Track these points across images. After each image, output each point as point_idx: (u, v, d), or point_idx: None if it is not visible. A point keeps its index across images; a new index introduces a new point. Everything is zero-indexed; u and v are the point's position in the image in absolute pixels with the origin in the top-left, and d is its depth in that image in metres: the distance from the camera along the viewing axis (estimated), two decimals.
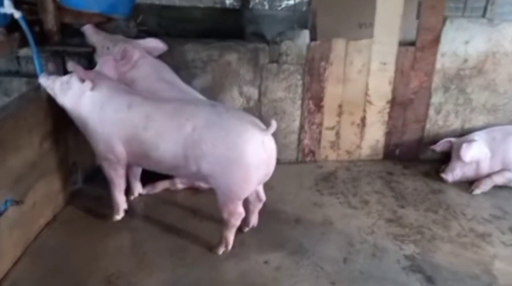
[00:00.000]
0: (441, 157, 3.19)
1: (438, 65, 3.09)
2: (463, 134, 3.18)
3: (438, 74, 3.12)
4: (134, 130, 2.13)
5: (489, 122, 3.25)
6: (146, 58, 2.61)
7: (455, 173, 2.95)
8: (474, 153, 2.87)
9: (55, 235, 2.33)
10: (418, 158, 3.31)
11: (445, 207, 2.73)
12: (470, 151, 2.86)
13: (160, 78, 2.57)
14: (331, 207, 2.70)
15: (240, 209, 2.13)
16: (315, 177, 3.06)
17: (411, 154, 3.31)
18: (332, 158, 3.29)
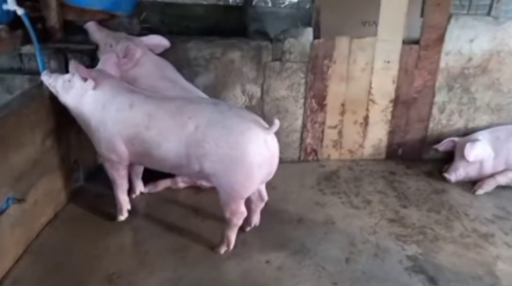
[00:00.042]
0: (444, 156, 3.18)
1: (442, 63, 3.07)
2: (466, 133, 3.16)
3: (442, 73, 3.10)
4: (136, 129, 2.12)
5: (493, 122, 3.23)
6: (149, 56, 2.60)
7: (458, 173, 2.94)
8: (478, 153, 2.85)
9: (56, 233, 2.33)
10: (421, 157, 3.30)
11: (448, 207, 2.72)
12: (474, 151, 2.84)
13: (163, 76, 2.56)
14: (333, 206, 2.69)
15: (242, 208, 2.13)
16: (318, 176, 3.05)
17: (414, 154, 3.29)
18: (335, 157, 3.28)
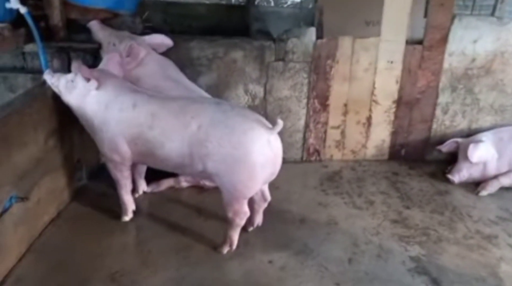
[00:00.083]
0: (447, 157, 3.17)
1: (446, 64, 3.06)
2: (470, 134, 3.15)
3: (445, 74, 3.09)
4: (139, 128, 2.12)
5: (496, 123, 3.22)
6: (153, 55, 2.60)
7: (461, 174, 2.93)
8: (481, 154, 2.84)
9: (59, 232, 2.33)
10: (424, 158, 3.29)
11: (451, 208, 2.71)
12: (477, 152, 2.83)
13: (166, 75, 2.55)
14: (336, 207, 2.69)
15: (245, 208, 2.12)
16: (320, 176, 3.05)
17: (417, 155, 3.29)
18: (337, 157, 3.27)
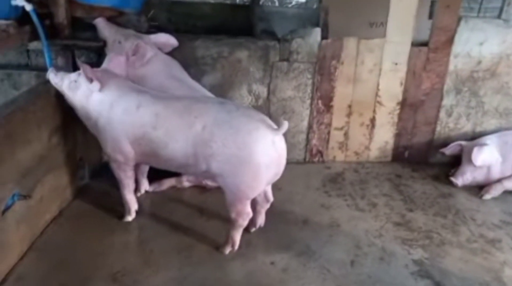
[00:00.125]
0: (451, 160, 3.15)
1: (451, 66, 3.04)
2: (474, 137, 3.13)
3: (450, 76, 3.07)
4: (143, 129, 2.11)
5: (501, 126, 3.20)
6: (158, 55, 2.59)
7: (465, 177, 2.91)
8: (485, 158, 2.82)
9: (61, 230, 2.33)
10: (427, 161, 3.27)
11: (454, 211, 2.70)
12: (481, 155, 2.81)
13: (171, 75, 2.55)
14: (338, 209, 2.68)
15: (248, 209, 2.11)
16: (323, 178, 3.03)
17: (420, 157, 3.27)
18: (340, 159, 3.26)
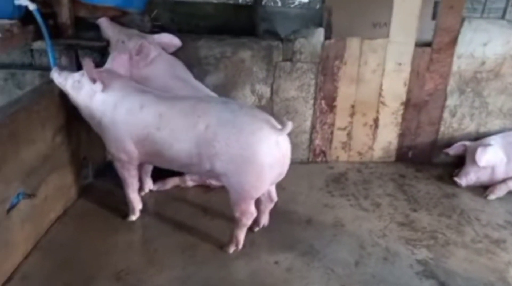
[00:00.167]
0: (454, 160, 3.14)
1: (455, 67, 3.03)
2: (478, 138, 3.13)
3: (454, 76, 3.06)
4: (147, 129, 2.10)
5: (505, 127, 3.19)
6: (162, 55, 2.59)
7: (469, 177, 2.90)
8: (489, 158, 2.82)
9: (65, 230, 2.33)
10: (431, 161, 3.26)
11: (458, 212, 2.69)
12: (485, 156, 2.81)
13: (174, 75, 2.55)
14: (342, 209, 2.67)
15: (252, 209, 2.11)
16: (326, 178, 3.03)
17: (424, 157, 3.26)
18: (343, 159, 3.26)
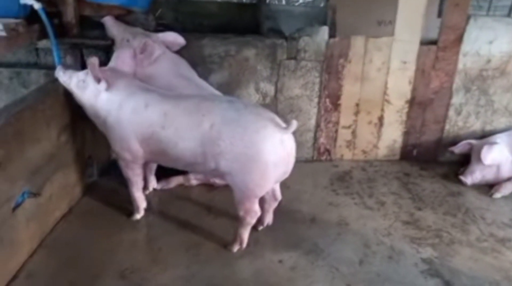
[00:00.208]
0: (460, 159, 3.13)
1: (460, 65, 3.01)
2: (483, 136, 3.11)
3: (459, 74, 3.04)
4: (152, 128, 2.11)
5: (511, 125, 3.17)
6: (166, 53, 2.59)
7: (474, 176, 2.89)
8: (495, 156, 2.80)
9: (70, 228, 2.34)
10: (436, 159, 3.25)
11: (464, 210, 2.67)
12: (491, 154, 2.79)
13: (178, 73, 2.55)
14: (346, 207, 2.66)
15: (256, 207, 2.11)
16: (331, 176, 3.02)
17: (429, 155, 3.25)
18: (348, 157, 3.25)
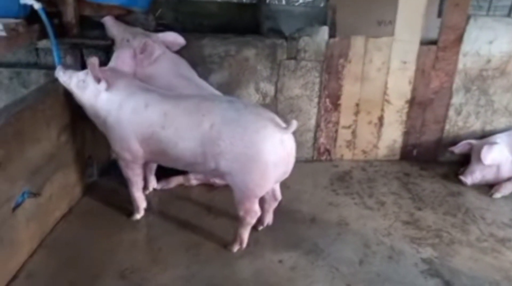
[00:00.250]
0: (460, 159, 3.13)
1: (460, 65, 3.01)
2: (483, 136, 3.11)
3: (459, 75, 3.04)
4: (152, 128, 2.11)
5: (511, 125, 3.17)
6: (166, 53, 2.59)
7: (474, 176, 2.89)
8: (495, 156, 2.80)
9: (70, 228, 2.34)
10: (436, 159, 3.25)
11: (464, 210, 2.67)
12: (491, 154, 2.79)
13: (178, 73, 2.55)
14: (346, 207, 2.66)
15: (256, 207, 2.11)
16: (331, 176, 3.02)
17: (429, 155, 3.25)
18: (348, 157, 3.25)
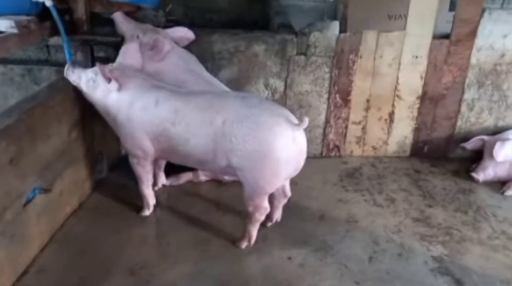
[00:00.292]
0: (471, 155, 3.09)
1: (473, 59, 2.96)
2: (496, 132, 3.06)
3: (472, 69, 2.99)
4: (162, 125, 2.11)
5: None
6: (175, 49, 2.59)
7: (486, 172, 2.85)
8: (508, 153, 2.76)
9: (80, 223, 2.36)
10: (447, 156, 3.21)
11: (475, 207, 2.64)
12: (504, 150, 2.75)
13: (187, 69, 2.54)
14: (356, 204, 2.65)
15: (265, 204, 2.11)
16: (340, 173, 3.01)
17: (440, 152, 3.21)
18: (357, 153, 3.23)
